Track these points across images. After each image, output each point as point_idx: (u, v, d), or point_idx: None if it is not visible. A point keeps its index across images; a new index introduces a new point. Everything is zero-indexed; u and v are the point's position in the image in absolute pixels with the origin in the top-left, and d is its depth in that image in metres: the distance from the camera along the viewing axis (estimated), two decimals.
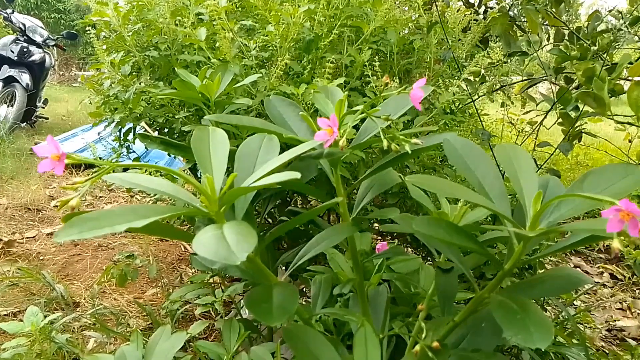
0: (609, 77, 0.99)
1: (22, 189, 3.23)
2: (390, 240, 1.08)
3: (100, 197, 3.29)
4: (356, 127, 0.73)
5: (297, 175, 0.45)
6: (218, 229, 0.45)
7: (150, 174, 1.40)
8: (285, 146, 0.68)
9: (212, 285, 1.28)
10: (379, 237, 1.46)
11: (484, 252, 0.53)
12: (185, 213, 0.49)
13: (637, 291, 2.56)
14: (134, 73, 1.50)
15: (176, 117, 1.26)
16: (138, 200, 3.21)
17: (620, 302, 2.44)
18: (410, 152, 0.58)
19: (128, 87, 1.35)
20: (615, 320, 2.24)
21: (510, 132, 2.45)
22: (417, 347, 0.54)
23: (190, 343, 1.18)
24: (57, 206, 3.13)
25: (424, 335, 0.55)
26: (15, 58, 4.71)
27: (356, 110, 0.59)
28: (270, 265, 1.00)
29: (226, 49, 1.00)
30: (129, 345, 1.02)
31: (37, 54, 4.86)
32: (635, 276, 2.64)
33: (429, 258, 1.41)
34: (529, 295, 0.55)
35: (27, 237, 2.47)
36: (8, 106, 4.67)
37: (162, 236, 0.54)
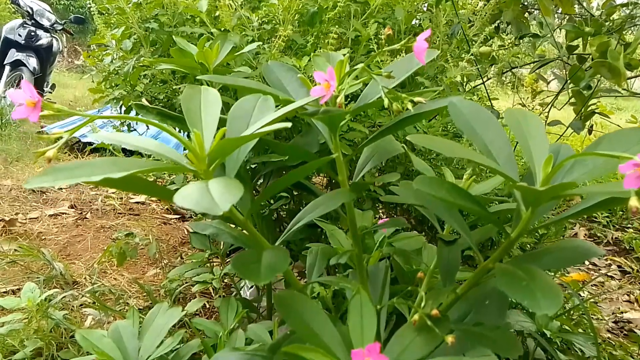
0: (624, 53, 0.95)
1: (27, 171, 3.23)
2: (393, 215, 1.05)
3: None
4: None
5: (287, 124, 0.42)
6: (203, 183, 0.42)
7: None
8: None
9: (211, 264, 1.25)
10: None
11: (488, 216, 0.49)
12: (169, 169, 0.46)
13: None
14: (135, 49, 1.48)
15: (176, 91, 1.24)
16: None
17: (627, 294, 2.40)
18: (413, 111, 0.54)
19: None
20: (622, 312, 2.20)
21: None
22: (416, 316, 0.51)
23: (192, 320, 1.16)
24: (61, 188, 3.13)
25: (422, 304, 0.52)
26: (23, 42, 4.70)
27: (357, 68, 0.55)
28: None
29: (226, 18, 0.96)
30: (123, 320, 1.00)
31: (44, 38, 4.85)
32: None
33: (432, 243, 1.38)
34: (535, 265, 0.51)
35: (30, 218, 2.46)
36: (15, 90, 4.67)
37: (142, 193, 0.51)
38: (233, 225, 0.68)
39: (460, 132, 1.14)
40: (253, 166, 1.17)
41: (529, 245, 1.40)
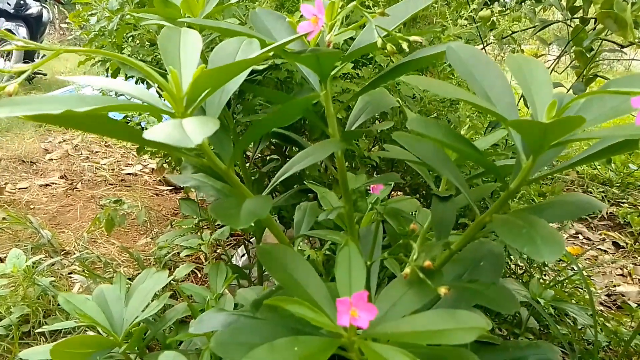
0: (631, 10, 0.91)
1: (17, 142, 3.17)
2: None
3: (97, 152, 3.23)
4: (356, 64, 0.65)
5: (278, 44, 0.38)
6: (177, 120, 0.38)
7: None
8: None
9: (201, 230, 1.22)
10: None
11: (485, 162, 0.46)
12: (140, 108, 0.43)
13: (639, 258, 2.52)
14: (121, 10, 1.42)
15: None
16: (135, 155, 3.15)
17: (621, 268, 2.41)
18: (409, 57, 0.50)
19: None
20: (615, 286, 2.20)
21: None
22: (407, 270, 0.48)
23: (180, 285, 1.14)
24: (52, 159, 3.08)
25: (415, 257, 0.49)
26: (12, 11, 4.58)
27: (349, 7, 0.51)
28: None
29: None
30: (109, 285, 0.97)
31: (34, 7, 4.73)
32: (637, 243, 2.59)
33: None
34: (536, 217, 0.48)
35: (19, 188, 2.42)
36: (5, 60, 4.58)
37: (109, 134, 0.47)
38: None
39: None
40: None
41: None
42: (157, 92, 1.32)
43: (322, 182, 1.17)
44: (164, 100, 0.49)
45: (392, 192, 1.42)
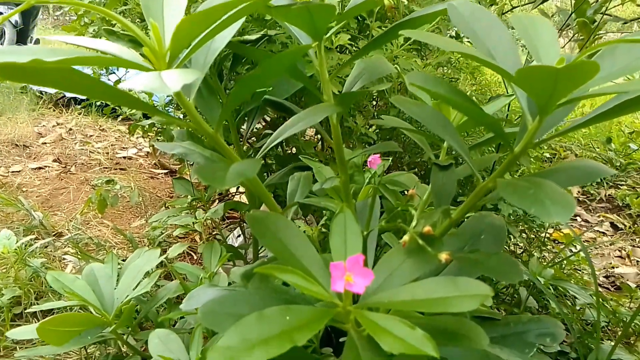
0: None
1: (10, 125, 3.13)
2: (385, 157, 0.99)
3: (91, 135, 3.19)
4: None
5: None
6: (157, 72, 0.35)
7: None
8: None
9: (194, 209, 1.20)
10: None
11: (489, 121, 0.43)
12: (116, 62, 0.39)
13: (638, 240, 2.51)
14: None
15: None
16: (131, 140, 3.12)
17: (619, 250, 2.40)
18: (409, 15, 0.47)
19: None
20: (613, 267, 2.19)
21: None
22: (406, 237, 0.46)
23: (173, 264, 1.11)
24: (45, 143, 3.04)
25: (414, 224, 0.47)
26: None
27: None
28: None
29: None
30: (99, 263, 0.95)
31: None
32: (636, 225, 2.59)
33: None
34: None
35: (12, 171, 2.39)
36: None
37: (83, 92, 0.43)
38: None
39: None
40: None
41: None
42: None
43: (319, 161, 1.15)
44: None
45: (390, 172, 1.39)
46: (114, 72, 1.50)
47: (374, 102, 1.43)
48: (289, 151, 1.38)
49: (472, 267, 0.49)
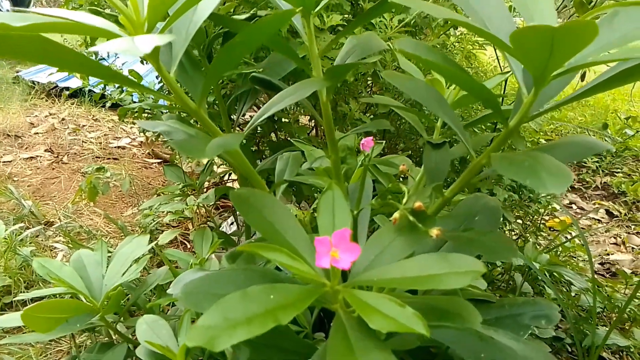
0: None
1: (2, 116, 3.09)
2: (379, 140, 0.97)
3: (84, 125, 3.16)
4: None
5: None
6: (130, 36, 0.33)
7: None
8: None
9: (186, 196, 1.18)
10: None
11: (483, 92, 0.41)
12: (87, 30, 0.37)
13: (633, 227, 2.51)
14: None
15: None
16: (125, 130, 3.09)
17: (615, 237, 2.40)
18: None
19: None
20: (608, 254, 2.19)
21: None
22: (396, 214, 0.44)
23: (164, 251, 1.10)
24: (37, 133, 3.01)
25: (404, 200, 0.45)
26: None
27: None
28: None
29: None
30: (87, 250, 0.93)
31: None
32: (631, 212, 2.59)
33: None
34: None
35: (4, 161, 2.36)
36: None
37: (53, 62, 0.41)
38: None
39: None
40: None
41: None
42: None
43: (313, 146, 1.13)
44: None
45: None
46: (105, 59, 1.47)
47: (369, 89, 1.41)
48: (283, 138, 1.36)
49: (466, 245, 0.47)
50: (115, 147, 2.76)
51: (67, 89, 3.46)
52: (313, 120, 1.50)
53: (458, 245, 0.48)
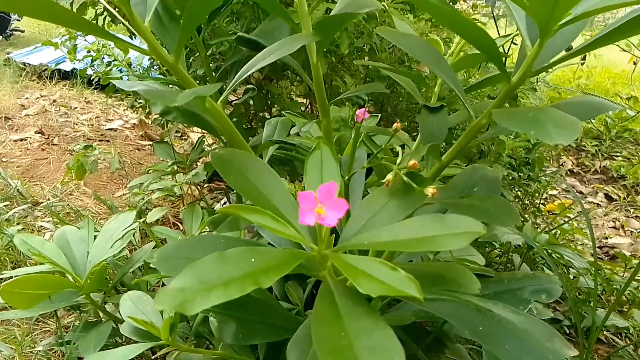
0: None
1: None
2: (374, 113, 0.94)
3: (75, 107, 3.11)
4: None
5: None
6: None
7: None
8: None
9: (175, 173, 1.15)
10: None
11: (485, 42, 0.38)
12: None
13: (632, 210, 2.49)
14: None
15: None
16: (117, 112, 3.05)
17: (613, 221, 2.38)
18: None
19: None
20: (607, 238, 2.18)
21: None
22: (389, 176, 0.41)
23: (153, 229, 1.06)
24: (28, 115, 2.96)
25: (398, 161, 0.42)
26: None
27: None
28: None
29: None
30: (71, 226, 0.90)
31: None
32: (630, 196, 2.57)
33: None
34: None
35: None
36: None
37: (15, 9, 0.38)
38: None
39: None
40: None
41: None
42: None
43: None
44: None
45: None
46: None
47: (365, 68, 1.37)
48: (276, 115, 1.33)
49: (465, 212, 0.44)
50: (107, 129, 2.72)
51: (59, 70, 3.41)
52: (307, 99, 1.47)
53: (456, 211, 0.45)
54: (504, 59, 0.74)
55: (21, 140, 2.35)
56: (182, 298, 0.29)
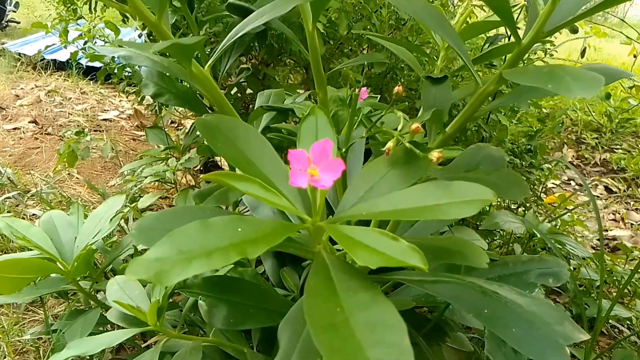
0: None
1: None
2: (373, 95, 0.91)
3: (70, 98, 3.07)
4: None
5: None
6: None
7: None
8: None
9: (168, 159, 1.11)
10: None
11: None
12: None
13: (632, 203, 2.47)
14: None
15: None
16: (113, 103, 3.01)
17: (614, 214, 2.36)
18: None
19: None
20: (607, 230, 2.15)
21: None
22: (390, 143, 0.38)
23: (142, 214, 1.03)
24: (22, 105, 2.92)
25: (400, 127, 0.39)
26: None
27: None
28: None
29: None
30: (58, 211, 0.87)
31: None
32: (630, 188, 2.55)
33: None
34: None
35: None
36: None
37: None
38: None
39: None
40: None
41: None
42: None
43: None
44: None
45: None
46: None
47: (363, 48, 1.34)
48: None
49: None
50: (102, 119, 2.68)
51: (54, 60, 3.37)
52: (305, 85, 1.44)
53: None
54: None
55: (14, 129, 2.32)
56: (159, 268, 0.26)
